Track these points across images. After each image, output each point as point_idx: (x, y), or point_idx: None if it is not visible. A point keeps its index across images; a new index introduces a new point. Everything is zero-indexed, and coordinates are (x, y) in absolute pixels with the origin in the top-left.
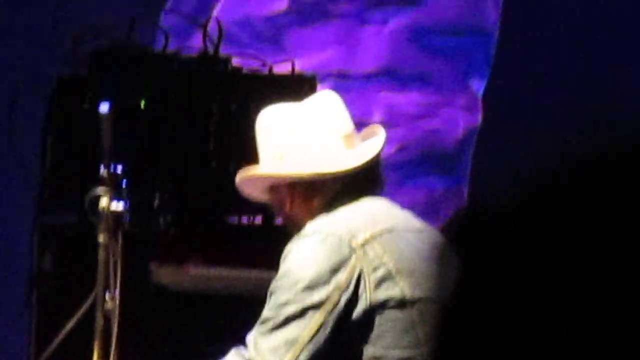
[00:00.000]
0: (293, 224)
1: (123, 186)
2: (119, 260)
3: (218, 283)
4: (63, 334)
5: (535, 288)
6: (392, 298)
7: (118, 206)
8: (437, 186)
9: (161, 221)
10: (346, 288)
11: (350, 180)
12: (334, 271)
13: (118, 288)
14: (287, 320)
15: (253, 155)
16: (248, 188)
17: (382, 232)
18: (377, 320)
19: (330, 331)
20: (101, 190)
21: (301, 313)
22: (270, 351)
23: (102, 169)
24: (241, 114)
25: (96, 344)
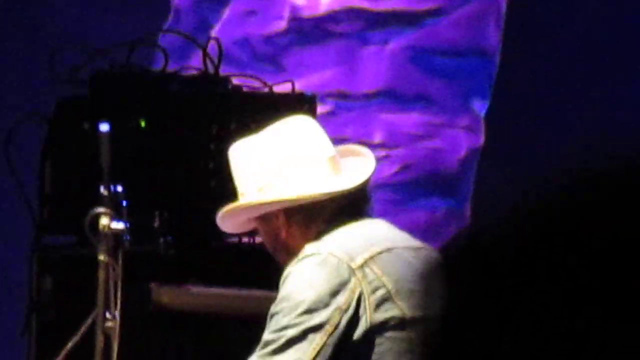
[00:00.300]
0: (286, 252)
1: (123, 206)
2: (119, 280)
3: (218, 303)
4: (64, 354)
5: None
6: (392, 318)
7: (118, 226)
8: (439, 207)
9: (161, 241)
10: (346, 310)
11: (346, 201)
12: (334, 293)
13: (118, 308)
14: (288, 343)
15: None
16: (231, 220)
17: (381, 253)
18: (377, 340)
19: (331, 353)
20: (101, 210)
21: (302, 336)
22: None
23: (102, 189)
24: (241, 134)
25: None
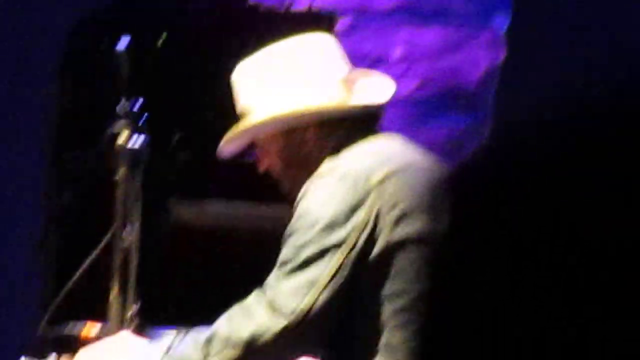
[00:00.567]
0: (302, 169)
1: (142, 121)
2: (138, 195)
3: (237, 219)
4: (81, 271)
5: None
6: (410, 235)
7: (137, 142)
8: (459, 123)
9: (181, 157)
10: (364, 227)
11: (363, 117)
12: (352, 211)
13: (137, 224)
14: (307, 261)
15: None
16: (241, 140)
17: (398, 170)
18: (396, 257)
19: (349, 271)
20: (120, 125)
21: (320, 254)
22: (290, 293)
23: (121, 104)
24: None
25: (114, 281)
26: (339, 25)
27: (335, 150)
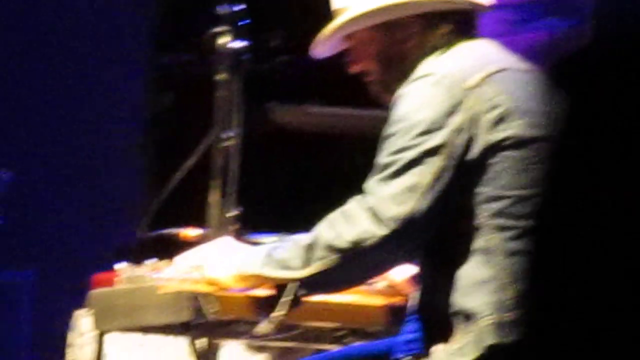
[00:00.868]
0: (399, 68)
1: (243, 24)
2: (238, 98)
3: (335, 122)
4: (180, 175)
5: None
6: (508, 138)
7: (238, 44)
8: (559, 27)
9: (281, 60)
10: (463, 130)
11: (466, 19)
12: (450, 113)
13: (237, 127)
14: (407, 166)
15: None
16: (335, 37)
17: (496, 72)
18: (493, 160)
19: (449, 175)
20: (221, 28)
21: (419, 158)
22: (391, 198)
23: (222, 7)
24: None
25: (214, 183)
26: None
27: (433, 50)
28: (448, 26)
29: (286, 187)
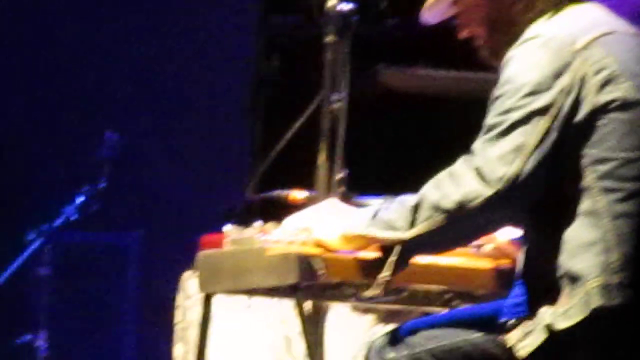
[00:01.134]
0: (507, 31)
1: None
2: (346, 61)
3: (444, 85)
4: (288, 137)
5: None
6: (615, 100)
7: (346, 6)
8: None
9: (389, 22)
10: (570, 92)
11: None
12: (557, 76)
13: (345, 89)
14: (513, 126)
15: None
16: (442, 6)
17: (603, 36)
18: (600, 122)
19: (555, 136)
20: None
21: (526, 119)
22: (497, 158)
23: None
24: None
25: (322, 145)
26: None
27: (540, 14)
28: None
29: (393, 150)
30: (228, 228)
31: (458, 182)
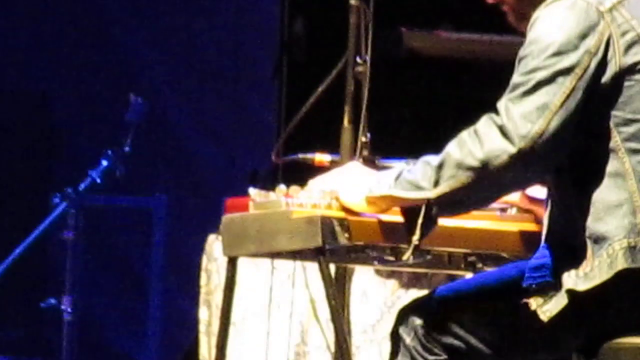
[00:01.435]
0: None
1: None
2: (371, 24)
3: (468, 47)
4: (313, 98)
5: None
6: None
7: None
8: None
9: None
10: (595, 53)
11: None
12: (583, 36)
13: (369, 52)
14: (538, 85)
15: None
16: None
17: None
18: (626, 84)
19: (580, 97)
20: None
21: (551, 78)
22: (521, 117)
23: None
24: None
25: (346, 108)
26: None
27: None
28: None
29: (417, 113)
30: (253, 191)
31: (482, 140)
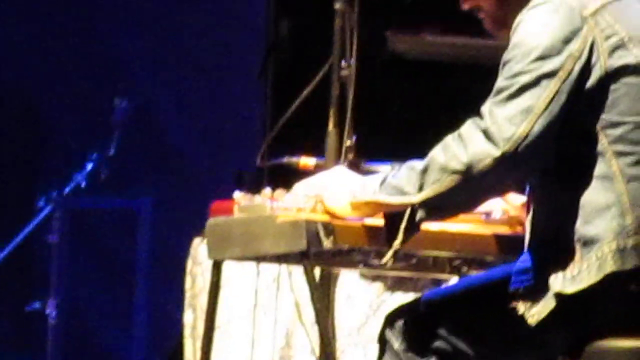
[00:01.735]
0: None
1: None
2: (356, 27)
3: (452, 51)
4: (299, 101)
5: None
6: (627, 65)
7: None
8: None
9: None
10: (579, 57)
11: None
12: (567, 41)
13: (354, 55)
14: (522, 89)
15: None
16: None
17: (612, 2)
18: (612, 87)
19: (564, 100)
20: None
21: (535, 82)
22: (505, 120)
23: None
24: None
25: (332, 111)
26: None
27: None
28: None
29: (402, 116)
30: (238, 195)
31: (466, 144)
